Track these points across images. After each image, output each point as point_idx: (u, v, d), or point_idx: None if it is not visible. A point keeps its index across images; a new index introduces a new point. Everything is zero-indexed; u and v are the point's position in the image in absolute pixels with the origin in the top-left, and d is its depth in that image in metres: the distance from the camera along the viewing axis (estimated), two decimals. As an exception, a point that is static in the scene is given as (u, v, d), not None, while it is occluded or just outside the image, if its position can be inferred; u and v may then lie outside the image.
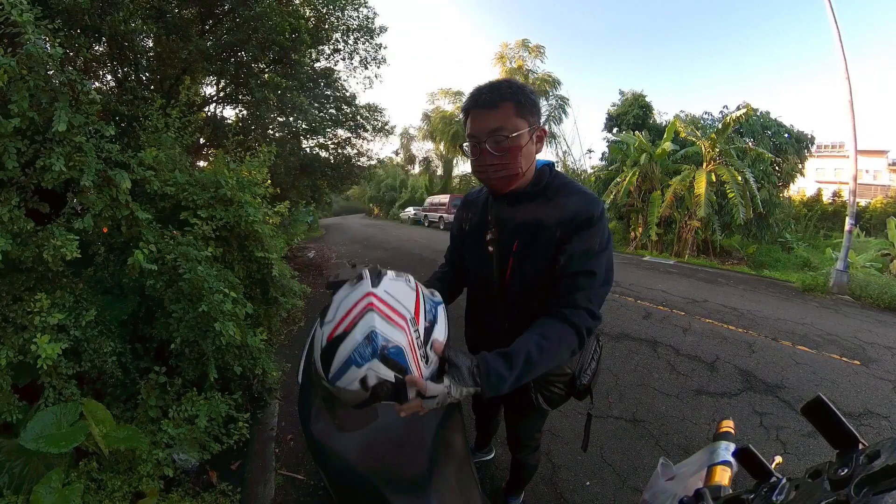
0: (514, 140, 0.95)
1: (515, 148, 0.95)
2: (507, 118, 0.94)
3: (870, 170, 27.87)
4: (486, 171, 1.00)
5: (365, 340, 0.73)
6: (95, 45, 3.46)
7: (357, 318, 0.76)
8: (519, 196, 1.06)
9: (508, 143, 0.95)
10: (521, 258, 1.06)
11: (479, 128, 0.97)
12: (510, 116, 0.94)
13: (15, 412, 1.60)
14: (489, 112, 0.95)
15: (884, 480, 0.32)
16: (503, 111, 0.94)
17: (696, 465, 0.66)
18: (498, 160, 0.97)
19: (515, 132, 0.94)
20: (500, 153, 0.96)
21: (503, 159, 0.96)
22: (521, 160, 0.97)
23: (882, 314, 5.38)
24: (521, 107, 0.95)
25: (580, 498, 1.93)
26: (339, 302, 0.82)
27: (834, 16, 6.70)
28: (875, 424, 2.62)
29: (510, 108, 0.94)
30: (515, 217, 1.07)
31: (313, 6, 5.58)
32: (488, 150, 0.97)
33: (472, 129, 0.99)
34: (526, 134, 0.96)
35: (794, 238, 12.84)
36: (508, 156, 0.96)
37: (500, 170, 0.98)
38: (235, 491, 1.87)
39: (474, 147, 0.99)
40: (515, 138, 0.95)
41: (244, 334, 2.19)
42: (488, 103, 0.96)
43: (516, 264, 1.07)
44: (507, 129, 0.94)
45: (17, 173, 1.62)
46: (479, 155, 0.99)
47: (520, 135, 0.95)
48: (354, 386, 0.75)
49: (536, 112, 0.99)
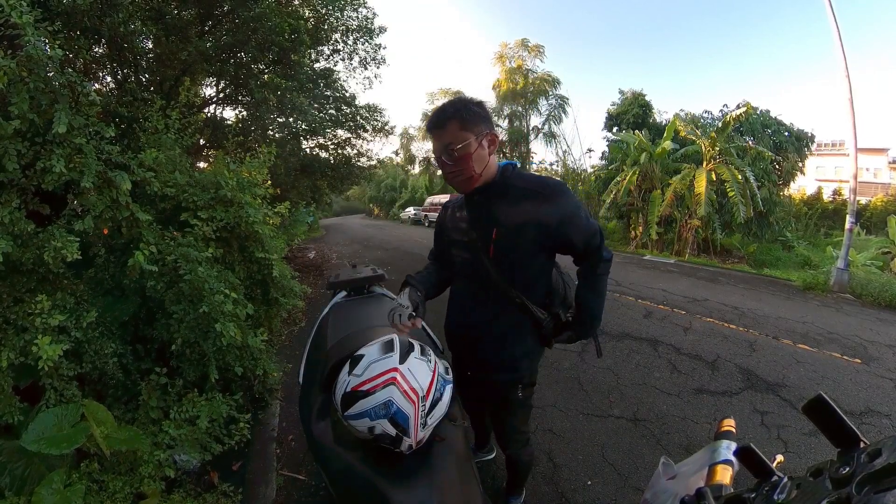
0: (463, 150, 1.14)
1: (466, 156, 1.15)
2: (453, 134, 1.14)
3: (870, 168, 27.85)
4: (449, 178, 1.21)
5: (382, 404, 0.94)
6: (95, 47, 3.46)
7: (380, 386, 0.95)
8: (487, 191, 1.23)
9: (458, 153, 1.14)
10: (499, 244, 1.22)
11: (435, 145, 1.19)
12: (456, 132, 1.14)
13: (16, 413, 1.61)
14: (439, 132, 1.17)
15: (885, 479, 0.32)
16: (450, 129, 1.15)
17: (698, 464, 0.66)
18: (454, 168, 1.17)
19: (462, 143, 1.14)
20: (454, 162, 1.16)
21: (457, 166, 1.16)
22: (474, 164, 1.16)
23: (883, 312, 5.37)
24: (465, 121, 1.14)
25: (582, 497, 1.93)
26: (369, 363, 1.00)
27: (834, 14, 6.69)
28: (876, 423, 2.62)
29: (455, 125, 1.14)
30: (492, 209, 1.23)
31: (313, 7, 5.58)
32: (445, 162, 1.18)
33: (433, 146, 1.22)
34: (473, 142, 1.14)
35: (794, 237, 12.80)
36: (461, 163, 1.16)
37: (458, 175, 1.18)
38: (237, 491, 1.87)
39: (438, 160, 1.21)
40: (463, 148, 1.14)
41: (245, 335, 2.19)
42: (437, 125, 1.17)
43: (497, 249, 1.22)
44: (454, 143, 1.14)
45: (17, 175, 1.62)
46: (442, 166, 1.20)
47: (467, 144, 1.14)
48: (363, 429, 0.96)
49: (481, 121, 1.17)
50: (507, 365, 1.33)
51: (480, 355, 1.37)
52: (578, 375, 3.09)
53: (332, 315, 1.75)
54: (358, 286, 2.04)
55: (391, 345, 1.03)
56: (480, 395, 1.58)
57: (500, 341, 1.31)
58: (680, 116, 12.77)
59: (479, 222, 1.26)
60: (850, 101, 6.72)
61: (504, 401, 1.41)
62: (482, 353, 1.35)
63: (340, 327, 1.57)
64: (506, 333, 1.30)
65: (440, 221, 1.46)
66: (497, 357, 1.33)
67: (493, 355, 1.33)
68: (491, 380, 1.38)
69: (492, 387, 1.41)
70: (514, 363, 1.33)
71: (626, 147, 12.42)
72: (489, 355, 1.34)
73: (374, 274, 2.10)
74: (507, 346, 1.31)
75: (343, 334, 1.46)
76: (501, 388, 1.38)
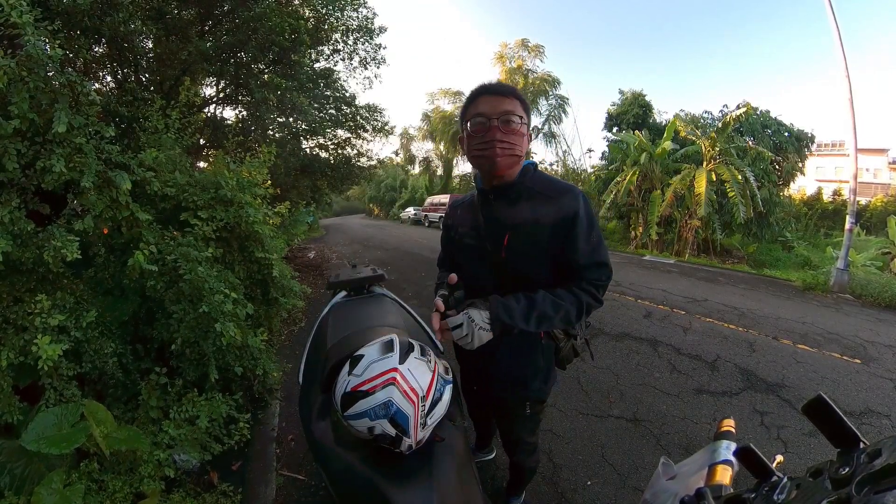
0: (522, 125, 1.05)
1: (520, 133, 1.05)
2: (515, 106, 1.05)
3: (870, 168, 27.85)
4: (493, 148, 1.04)
5: (382, 404, 0.93)
6: (95, 47, 3.47)
7: (380, 386, 0.95)
8: (505, 191, 1.13)
9: (517, 125, 1.04)
10: (512, 250, 1.12)
11: (490, 108, 1.04)
12: (517, 107, 1.05)
13: (16, 413, 1.61)
14: (502, 97, 1.05)
15: (885, 479, 0.32)
16: (512, 101, 1.05)
17: (697, 464, 0.66)
18: (507, 139, 1.04)
19: (523, 118, 1.05)
20: (509, 133, 1.04)
21: (511, 139, 1.04)
22: (523, 146, 1.07)
23: (883, 313, 5.37)
24: (525, 105, 1.07)
25: (581, 498, 1.93)
26: (369, 363, 1.00)
27: (834, 15, 6.69)
28: (876, 423, 2.62)
29: (517, 101, 1.06)
30: (504, 213, 1.13)
31: (313, 7, 5.58)
32: (498, 128, 1.03)
33: (482, 109, 1.05)
34: (526, 127, 1.07)
35: (794, 237, 12.81)
36: (515, 137, 1.05)
37: (506, 147, 1.04)
38: (236, 491, 1.87)
39: (482, 125, 1.04)
40: (523, 123, 1.05)
41: (245, 335, 2.19)
42: (501, 91, 1.06)
43: (508, 256, 1.12)
44: (517, 113, 1.04)
45: (17, 175, 1.62)
46: (486, 132, 1.04)
47: (525, 123, 1.06)
48: (363, 429, 0.95)
49: (530, 115, 1.10)
50: (516, 383, 1.26)
51: (489, 371, 1.29)
52: (578, 375, 3.09)
53: (331, 315, 1.75)
54: (358, 286, 2.04)
55: (391, 345, 1.03)
56: (486, 406, 1.55)
57: (510, 358, 1.23)
58: (680, 117, 12.77)
59: (492, 225, 1.15)
60: (850, 101, 6.72)
61: (511, 415, 1.36)
62: (491, 370, 1.28)
63: (340, 327, 1.57)
64: (517, 350, 1.22)
65: (447, 224, 1.35)
66: (506, 375, 1.26)
67: (501, 373, 1.26)
68: (498, 396, 1.33)
69: (499, 402, 1.36)
70: (524, 382, 1.25)
71: (626, 147, 12.42)
72: (498, 372, 1.27)
73: (373, 274, 2.10)
74: (518, 364, 1.24)
75: (343, 334, 1.46)
76: (510, 404, 1.32)
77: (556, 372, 1.31)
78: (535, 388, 1.27)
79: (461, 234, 1.26)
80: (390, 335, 1.09)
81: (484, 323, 1.01)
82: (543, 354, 1.24)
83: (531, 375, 1.25)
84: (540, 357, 1.24)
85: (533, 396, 1.29)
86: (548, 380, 1.29)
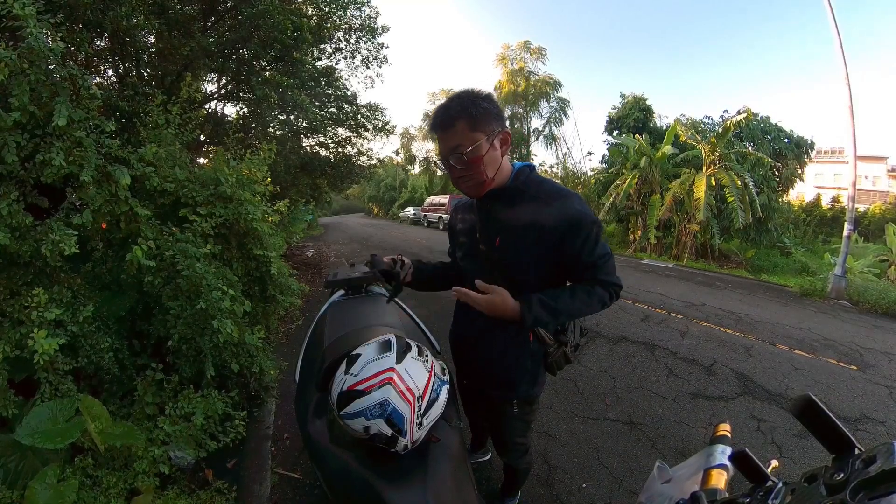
0: (473, 153, 1.02)
1: (476, 159, 1.03)
2: (462, 135, 1.01)
3: (869, 175, 27.91)
4: (458, 183, 1.10)
5: (378, 404, 0.94)
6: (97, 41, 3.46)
7: (376, 385, 0.95)
8: (499, 195, 1.13)
9: (468, 156, 1.02)
10: (503, 252, 1.13)
11: (442, 148, 1.07)
12: (465, 133, 1.01)
13: (11, 407, 1.60)
14: (446, 133, 1.04)
15: (879, 485, 0.32)
16: (458, 130, 1.02)
17: (693, 468, 0.66)
18: (463, 172, 1.06)
19: (472, 146, 1.01)
20: (463, 166, 1.04)
21: (467, 171, 1.05)
22: (485, 168, 1.05)
23: (879, 319, 5.39)
24: (474, 120, 1.01)
25: (576, 500, 1.93)
26: (365, 362, 1.00)
27: (835, 22, 6.71)
28: (871, 429, 2.63)
29: (463, 124, 1.01)
30: (499, 216, 1.14)
31: (315, 5, 5.58)
32: (454, 166, 1.05)
33: (438, 150, 1.10)
34: (484, 143, 1.02)
35: (792, 243, 12.85)
36: (471, 167, 1.04)
37: (468, 180, 1.07)
38: (231, 489, 1.87)
39: (444, 164, 1.09)
40: (473, 151, 1.02)
41: (242, 332, 2.19)
42: (442, 125, 1.04)
43: (499, 256, 1.14)
44: (463, 146, 1.01)
45: (16, 167, 1.62)
46: (449, 170, 1.08)
47: (477, 146, 1.01)
48: (359, 428, 0.95)
49: (493, 119, 1.04)
50: (503, 382, 1.28)
51: (477, 367, 1.34)
52: (574, 378, 3.09)
53: (329, 314, 1.75)
54: (356, 285, 2.04)
55: (388, 344, 1.03)
56: (476, 402, 1.57)
57: (498, 357, 1.26)
58: (680, 121, 12.83)
59: (486, 229, 1.17)
60: (849, 108, 6.74)
61: (499, 413, 1.38)
62: (479, 366, 1.32)
63: (338, 326, 1.57)
64: (505, 350, 1.25)
65: (451, 224, 1.40)
66: (493, 373, 1.29)
67: (488, 370, 1.29)
68: (485, 393, 1.35)
69: (486, 399, 1.38)
70: (510, 382, 1.27)
71: (626, 151, 12.45)
72: (485, 369, 1.30)
73: (372, 273, 2.10)
74: (505, 364, 1.26)
75: (340, 333, 1.46)
76: (496, 402, 1.34)
77: (545, 375, 1.31)
78: (521, 390, 1.28)
79: (461, 234, 1.31)
80: (388, 335, 1.09)
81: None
82: (532, 356, 1.25)
83: (517, 376, 1.27)
84: (528, 358, 1.25)
85: (521, 396, 1.30)
86: (535, 382, 1.30)
